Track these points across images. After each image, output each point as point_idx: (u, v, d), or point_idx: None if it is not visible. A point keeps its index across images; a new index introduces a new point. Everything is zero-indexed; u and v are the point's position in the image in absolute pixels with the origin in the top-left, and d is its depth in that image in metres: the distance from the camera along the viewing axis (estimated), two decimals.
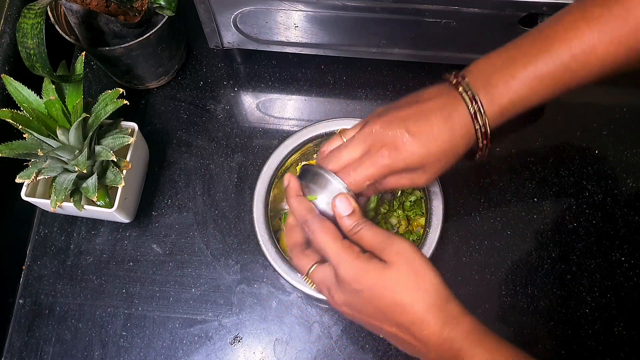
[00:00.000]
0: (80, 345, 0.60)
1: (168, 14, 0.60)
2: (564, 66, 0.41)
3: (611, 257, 0.61)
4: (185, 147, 0.69)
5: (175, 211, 0.66)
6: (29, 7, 0.50)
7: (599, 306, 0.60)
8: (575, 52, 0.41)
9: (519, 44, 0.44)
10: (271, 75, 0.72)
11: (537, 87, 0.42)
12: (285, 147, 0.58)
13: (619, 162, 0.66)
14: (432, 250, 0.53)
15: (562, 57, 0.41)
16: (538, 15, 0.55)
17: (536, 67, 0.41)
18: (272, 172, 0.57)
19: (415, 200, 0.59)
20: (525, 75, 0.42)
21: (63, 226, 0.66)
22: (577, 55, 0.41)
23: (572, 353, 0.58)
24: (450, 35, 0.60)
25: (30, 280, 0.63)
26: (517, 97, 0.42)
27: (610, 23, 0.40)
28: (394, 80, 0.71)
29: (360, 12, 0.58)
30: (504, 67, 0.43)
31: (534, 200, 0.64)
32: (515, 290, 0.61)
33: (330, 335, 0.60)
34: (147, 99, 0.72)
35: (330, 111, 0.70)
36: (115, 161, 0.55)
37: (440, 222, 0.54)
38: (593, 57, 0.41)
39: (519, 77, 0.42)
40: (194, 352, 0.60)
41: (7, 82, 0.52)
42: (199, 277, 0.63)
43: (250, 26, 0.63)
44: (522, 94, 0.42)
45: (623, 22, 0.39)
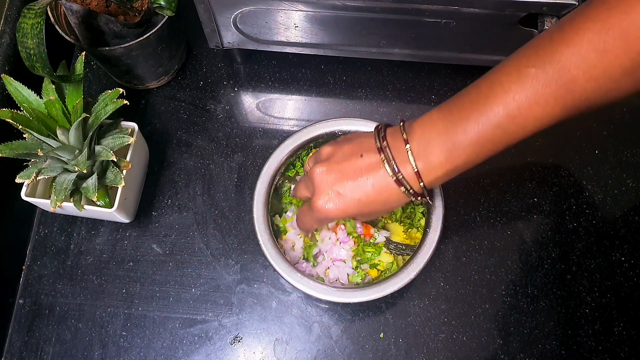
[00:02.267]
0: (80, 345, 0.60)
1: (168, 14, 0.60)
2: (502, 129, 0.41)
3: (611, 257, 0.61)
4: (185, 147, 0.69)
5: (175, 211, 0.66)
6: (29, 7, 0.50)
7: (599, 306, 0.60)
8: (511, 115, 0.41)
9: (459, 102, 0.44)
10: (271, 75, 0.72)
11: (478, 150, 0.43)
12: (286, 147, 0.58)
13: (619, 162, 0.66)
14: (432, 251, 0.53)
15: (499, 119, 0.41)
16: (538, 15, 0.55)
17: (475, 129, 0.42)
18: (272, 172, 0.57)
19: None
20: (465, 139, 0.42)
21: (63, 226, 0.66)
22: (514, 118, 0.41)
23: (572, 353, 0.58)
24: (450, 35, 0.60)
25: (30, 280, 0.63)
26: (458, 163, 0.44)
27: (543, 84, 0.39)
28: (394, 80, 0.71)
29: (360, 12, 0.58)
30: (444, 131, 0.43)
31: (534, 200, 0.64)
32: (515, 290, 0.61)
33: (330, 335, 0.60)
34: (147, 99, 0.72)
35: (330, 111, 0.70)
36: (115, 161, 0.55)
37: (440, 223, 0.54)
38: (530, 119, 0.41)
39: (459, 142, 0.43)
40: (194, 352, 0.60)
41: (7, 82, 0.52)
42: (199, 277, 0.63)
43: (250, 26, 0.63)
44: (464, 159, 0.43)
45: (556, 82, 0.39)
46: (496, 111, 0.41)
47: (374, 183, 0.46)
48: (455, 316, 0.60)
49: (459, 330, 0.59)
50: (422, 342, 0.59)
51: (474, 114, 0.42)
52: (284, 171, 0.60)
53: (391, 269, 0.57)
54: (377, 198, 0.46)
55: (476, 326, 0.59)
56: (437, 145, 0.44)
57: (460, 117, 0.43)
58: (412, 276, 0.52)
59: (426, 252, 0.53)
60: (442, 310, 0.60)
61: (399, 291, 0.52)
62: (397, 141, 0.46)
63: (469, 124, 0.42)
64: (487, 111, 0.41)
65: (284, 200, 0.61)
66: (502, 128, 0.41)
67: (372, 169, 0.46)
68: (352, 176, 0.47)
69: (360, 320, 0.60)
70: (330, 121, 0.59)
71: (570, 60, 0.38)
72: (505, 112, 0.41)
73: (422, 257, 0.53)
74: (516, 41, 0.59)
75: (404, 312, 0.60)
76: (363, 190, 0.46)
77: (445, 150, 0.43)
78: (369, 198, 0.47)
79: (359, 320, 0.60)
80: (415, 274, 0.52)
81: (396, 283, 0.52)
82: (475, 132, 0.42)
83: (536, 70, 0.39)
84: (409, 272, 0.52)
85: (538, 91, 0.39)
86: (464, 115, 0.43)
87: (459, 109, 0.43)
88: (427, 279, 0.61)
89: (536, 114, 0.40)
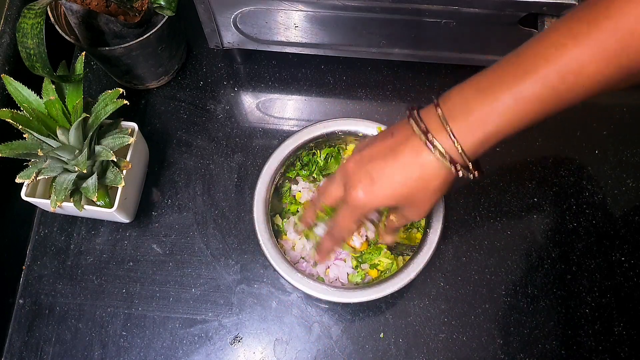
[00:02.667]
0: (80, 345, 0.60)
1: (168, 14, 0.60)
2: (552, 87, 0.38)
3: (611, 257, 0.61)
4: (185, 147, 0.69)
5: (175, 211, 0.66)
6: (29, 7, 0.50)
7: (599, 306, 0.60)
8: (563, 72, 0.38)
9: (503, 64, 0.41)
10: (271, 75, 0.72)
11: (522, 111, 0.39)
12: (286, 147, 0.58)
13: (619, 162, 0.66)
14: (432, 251, 0.53)
15: (549, 77, 0.38)
16: (538, 15, 0.55)
17: (521, 89, 0.39)
18: (272, 172, 0.57)
19: None
20: (510, 98, 0.39)
21: (63, 226, 0.66)
22: (565, 75, 0.38)
23: (572, 353, 0.58)
24: (450, 35, 0.60)
25: (30, 280, 0.63)
26: (500, 123, 0.40)
27: (599, 40, 0.37)
28: (394, 80, 0.71)
29: (360, 12, 0.58)
30: (486, 89, 0.40)
31: (534, 200, 0.64)
32: (515, 290, 0.61)
33: (330, 335, 0.60)
34: (147, 99, 0.72)
35: (330, 111, 0.70)
36: (115, 161, 0.55)
37: (440, 223, 0.54)
38: (583, 77, 0.38)
39: (503, 100, 0.39)
40: (194, 352, 0.60)
41: (7, 82, 0.52)
42: (199, 277, 0.63)
43: (250, 26, 0.63)
44: (508, 119, 0.40)
45: (613, 38, 0.37)
46: (543, 67, 0.38)
47: (407, 157, 0.42)
48: (455, 316, 0.60)
49: (459, 330, 0.59)
50: (422, 342, 0.59)
51: (520, 72, 0.39)
52: (284, 171, 0.60)
53: (391, 269, 0.57)
54: (414, 174, 0.42)
55: (476, 326, 0.59)
56: (476, 104, 0.40)
57: (505, 75, 0.39)
58: (412, 276, 0.52)
59: (426, 252, 0.53)
60: (442, 310, 0.60)
61: (399, 291, 0.52)
62: (428, 109, 0.42)
63: (514, 81, 0.39)
64: (536, 68, 0.38)
65: (284, 200, 0.61)
66: (552, 87, 0.38)
67: (403, 141, 0.42)
68: (384, 156, 0.43)
69: (360, 320, 0.60)
70: (330, 121, 0.59)
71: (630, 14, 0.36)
72: (555, 68, 0.38)
73: (422, 257, 0.53)
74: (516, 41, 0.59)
75: (404, 312, 0.60)
76: (398, 168, 0.42)
77: (486, 109, 0.39)
78: (406, 175, 0.42)
79: (359, 320, 0.60)
80: (415, 274, 0.52)
81: (396, 283, 0.52)
82: (522, 90, 0.39)
83: (589, 26, 0.37)
84: (409, 273, 0.52)
85: (593, 48, 0.37)
86: (509, 73, 0.39)
87: (504, 68, 0.40)
88: (427, 279, 0.61)
89: (590, 72, 0.37)
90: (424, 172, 0.42)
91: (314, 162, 0.61)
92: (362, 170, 0.44)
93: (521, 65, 0.39)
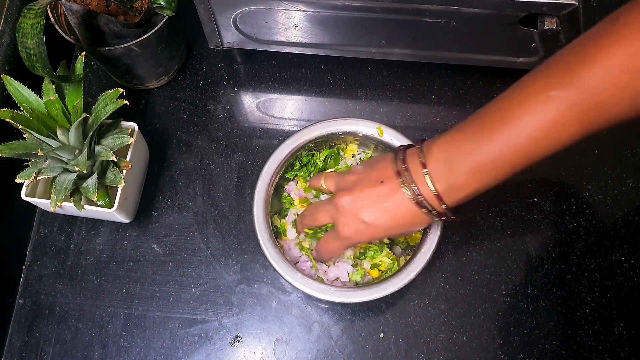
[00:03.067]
0: (80, 345, 0.60)
1: (168, 14, 0.60)
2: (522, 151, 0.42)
3: (611, 257, 0.61)
4: (185, 147, 0.69)
5: (175, 211, 0.66)
6: (29, 7, 0.50)
7: (599, 306, 0.60)
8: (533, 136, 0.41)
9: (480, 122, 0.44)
10: (271, 75, 0.72)
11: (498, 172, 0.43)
12: (286, 147, 0.58)
13: (619, 162, 0.66)
14: (432, 251, 0.53)
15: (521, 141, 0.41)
16: (538, 15, 0.55)
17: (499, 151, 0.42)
18: (273, 172, 0.57)
19: None
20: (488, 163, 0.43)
21: (63, 226, 0.66)
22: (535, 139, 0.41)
23: (572, 353, 0.58)
24: (450, 35, 0.60)
25: (30, 280, 0.63)
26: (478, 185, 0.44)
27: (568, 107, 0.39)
28: (394, 80, 0.71)
29: (360, 12, 0.58)
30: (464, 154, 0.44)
31: (534, 200, 0.64)
32: (515, 290, 0.61)
33: (330, 335, 0.60)
34: (147, 99, 0.72)
35: (330, 111, 0.70)
36: (115, 161, 0.55)
37: (440, 223, 0.54)
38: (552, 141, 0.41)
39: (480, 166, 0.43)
40: (194, 352, 0.60)
41: (7, 82, 0.52)
42: (199, 277, 0.63)
43: (250, 26, 0.63)
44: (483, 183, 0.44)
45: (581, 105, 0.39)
46: (518, 134, 0.41)
47: (398, 208, 0.47)
48: (455, 316, 0.60)
49: (459, 330, 0.59)
50: (422, 342, 0.59)
51: (495, 135, 0.42)
52: (284, 172, 0.60)
53: (392, 269, 0.57)
54: (402, 221, 0.48)
55: (476, 326, 0.59)
56: (457, 167, 0.44)
57: (481, 138, 0.43)
58: (412, 276, 0.52)
59: (426, 252, 0.53)
60: (442, 310, 0.60)
61: (399, 291, 0.52)
62: (416, 165, 0.46)
63: (489, 146, 0.42)
64: (509, 133, 0.41)
65: (284, 200, 0.61)
66: (522, 151, 0.42)
67: (393, 194, 0.47)
68: (376, 204, 0.48)
69: (360, 320, 0.60)
70: (330, 121, 0.59)
71: (598, 82, 0.38)
72: (528, 135, 0.41)
73: (422, 257, 0.53)
74: (516, 41, 0.59)
75: (404, 312, 0.60)
76: (388, 215, 0.47)
77: (466, 172, 0.44)
78: (395, 222, 0.48)
79: (359, 320, 0.60)
80: (415, 274, 0.52)
81: (396, 283, 0.52)
82: (496, 154, 0.42)
83: (560, 92, 0.39)
84: (409, 272, 0.52)
85: (563, 114, 0.39)
86: (484, 136, 0.43)
87: (479, 129, 0.43)
88: (427, 279, 0.61)
89: (560, 136, 0.40)
90: (412, 219, 0.48)
91: (313, 163, 0.61)
92: (355, 213, 0.48)
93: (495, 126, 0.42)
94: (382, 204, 0.47)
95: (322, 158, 0.61)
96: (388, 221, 0.48)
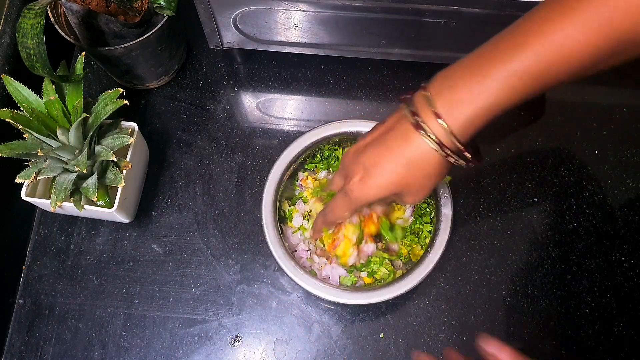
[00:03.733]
0: (80, 345, 0.60)
1: (168, 14, 0.60)
2: (543, 61, 0.38)
3: (611, 257, 0.61)
4: (185, 147, 0.69)
5: (175, 211, 0.66)
6: (29, 7, 0.50)
7: (599, 306, 0.60)
8: (554, 45, 0.38)
9: (493, 42, 0.40)
10: (271, 75, 0.72)
11: (512, 86, 0.39)
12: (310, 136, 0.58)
13: (619, 162, 0.66)
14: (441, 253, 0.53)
15: (540, 51, 0.38)
16: None
17: (512, 64, 0.38)
18: (291, 158, 0.57)
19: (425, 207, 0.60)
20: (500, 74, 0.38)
21: (63, 226, 0.66)
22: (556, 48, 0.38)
23: (572, 353, 0.58)
24: (450, 35, 0.60)
25: (30, 280, 0.63)
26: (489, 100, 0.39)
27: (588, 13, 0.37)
28: (394, 80, 0.71)
29: (360, 12, 0.58)
30: (475, 67, 0.39)
31: (534, 200, 0.64)
32: (515, 290, 0.61)
33: (330, 335, 0.60)
34: (147, 99, 0.72)
35: (330, 111, 0.70)
36: (115, 161, 0.55)
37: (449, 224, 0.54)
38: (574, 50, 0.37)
39: (492, 76, 0.39)
40: (194, 352, 0.60)
41: (7, 82, 0.52)
42: (199, 277, 0.63)
43: (250, 26, 0.63)
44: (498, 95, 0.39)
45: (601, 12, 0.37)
46: (533, 41, 0.38)
47: (397, 142, 0.42)
48: (455, 316, 0.60)
49: (459, 331, 0.59)
50: (422, 342, 0.59)
51: (510, 48, 0.39)
52: (303, 161, 0.60)
53: (386, 280, 0.57)
54: (404, 160, 0.42)
55: (476, 326, 0.59)
56: (464, 82, 0.39)
57: (495, 51, 0.39)
58: (417, 281, 0.52)
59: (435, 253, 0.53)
60: (442, 310, 0.60)
61: None
62: (421, 101, 0.41)
63: (504, 57, 0.38)
64: (526, 43, 0.38)
65: (296, 188, 0.61)
66: (545, 61, 0.38)
67: (392, 127, 0.43)
68: (376, 145, 0.43)
69: (360, 320, 0.60)
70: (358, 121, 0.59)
71: None
72: (545, 42, 0.38)
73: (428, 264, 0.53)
74: None
75: (404, 312, 0.60)
76: (389, 155, 0.42)
77: (475, 86, 0.39)
78: (400, 164, 0.42)
79: (359, 320, 0.60)
80: (421, 279, 0.53)
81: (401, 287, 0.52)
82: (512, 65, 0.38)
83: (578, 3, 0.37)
84: (413, 279, 0.53)
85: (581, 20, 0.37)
86: (499, 50, 0.39)
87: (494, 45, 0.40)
88: (427, 279, 0.61)
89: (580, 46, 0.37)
90: (414, 157, 0.42)
91: (334, 157, 0.61)
92: (357, 161, 0.44)
93: (511, 41, 0.39)
94: (386, 142, 0.43)
95: None
96: (394, 163, 0.42)
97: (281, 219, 0.58)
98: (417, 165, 0.42)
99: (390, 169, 0.43)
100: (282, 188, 0.58)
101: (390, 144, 0.42)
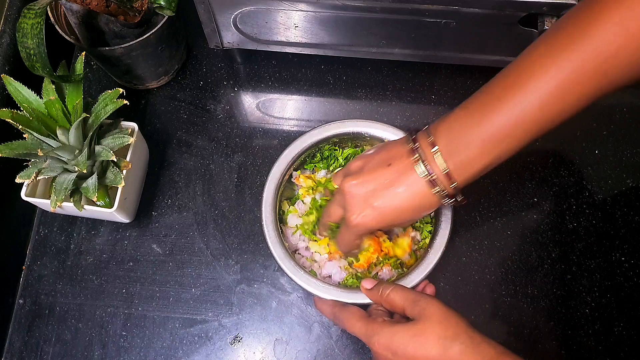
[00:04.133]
0: (80, 345, 0.60)
1: (168, 14, 0.60)
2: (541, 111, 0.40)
3: (611, 257, 0.61)
4: (185, 147, 0.69)
5: (175, 211, 0.66)
6: (29, 7, 0.50)
7: (599, 306, 0.60)
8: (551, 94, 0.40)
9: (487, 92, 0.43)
10: (271, 75, 0.72)
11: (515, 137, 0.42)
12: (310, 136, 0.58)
13: (619, 162, 0.66)
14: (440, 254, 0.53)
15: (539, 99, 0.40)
16: (538, 15, 0.55)
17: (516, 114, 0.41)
18: (291, 158, 0.57)
19: None
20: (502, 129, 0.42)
21: (63, 226, 0.66)
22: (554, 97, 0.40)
23: (572, 353, 0.58)
24: (450, 35, 0.60)
25: (30, 280, 0.63)
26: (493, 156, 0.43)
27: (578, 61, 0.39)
28: (394, 80, 0.71)
29: (360, 12, 0.58)
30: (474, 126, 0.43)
31: (534, 200, 0.64)
32: (515, 290, 0.61)
33: (330, 335, 0.60)
34: (147, 99, 0.72)
35: (330, 111, 0.70)
36: (115, 161, 0.55)
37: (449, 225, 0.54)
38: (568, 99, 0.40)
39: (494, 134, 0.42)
40: (194, 352, 0.60)
41: (7, 82, 0.52)
42: (199, 277, 0.63)
43: (250, 26, 0.63)
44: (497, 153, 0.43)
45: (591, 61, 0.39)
46: (525, 101, 0.40)
47: (407, 189, 0.46)
48: None
49: None
50: None
51: (501, 105, 0.41)
52: (303, 161, 0.60)
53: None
54: (411, 204, 0.46)
55: (476, 326, 0.59)
56: (466, 142, 0.43)
57: (493, 106, 0.42)
58: (416, 282, 0.53)
59: (436, 252, 0.53)
60: None
61: None
62: (425, 144, 0.45)
63: (497, 116, 0.41)
64: (515, 100, 0.40)
65: (295, 187, 0.61)
66: (531, 118, 0.40)
67: (403, 174, 0.46)
68: (383, 186, 0.46)
69: None
70: (359, 121, 0.59)
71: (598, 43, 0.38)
72: (535, 101, 0.40)
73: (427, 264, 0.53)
74: (516, 41, 0.59)
75: None
76: (397, 198, 0.46)
77: (479, 144, 0.42)
78: (403, 205, 0.46)
79: None
80: (420, 280, 0.53)
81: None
82: (504, 123, 0.41)
83: (562, 56, 0.39)
84: (412, 279, 0.53)
85: (568, 78, 0.39)
86: (497, 103, 0.41)
87: (485, 102, 0.42)
88: (427, 278, 0.61)
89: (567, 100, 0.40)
90: (420, 201, 0.46)
91: (334, 158, 0.61)
92: (362, 197, 0.47)
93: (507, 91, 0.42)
94: (391, 186, 0.46)
95: (344, 155, 0.61)
96: (397, 204, 0.46)
97: (281, 219, 0.58)
98: (419, 208, 0.47)
99: (393, 208, 0.47)
100: (282, 188, 0.58)
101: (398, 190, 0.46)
